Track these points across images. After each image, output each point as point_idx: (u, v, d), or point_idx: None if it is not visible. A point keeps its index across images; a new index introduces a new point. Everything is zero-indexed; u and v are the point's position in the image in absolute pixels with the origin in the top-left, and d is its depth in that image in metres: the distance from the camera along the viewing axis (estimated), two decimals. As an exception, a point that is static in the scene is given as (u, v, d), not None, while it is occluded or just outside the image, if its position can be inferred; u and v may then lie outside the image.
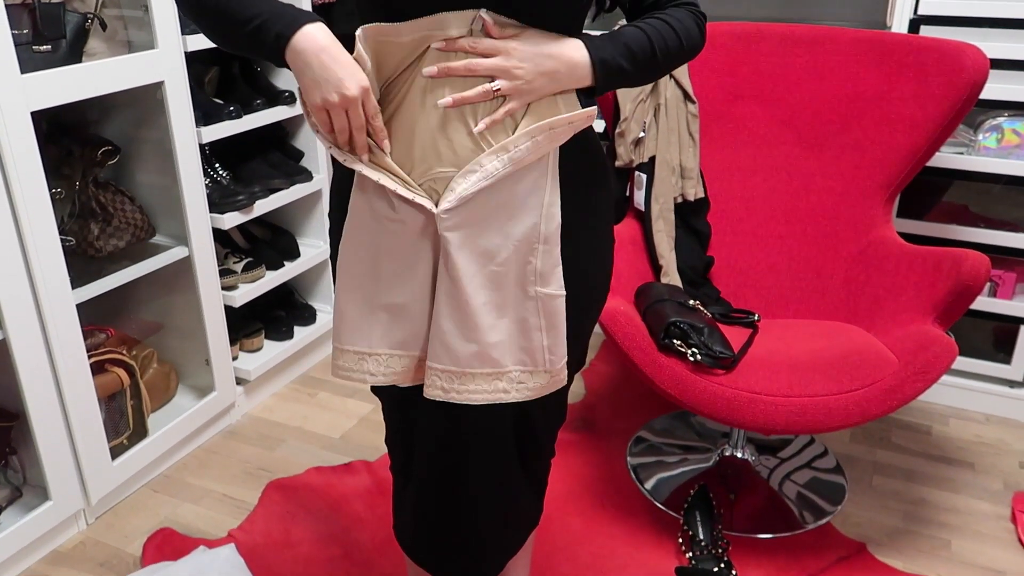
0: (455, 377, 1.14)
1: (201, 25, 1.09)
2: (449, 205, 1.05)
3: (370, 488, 2.06)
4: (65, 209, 1.94)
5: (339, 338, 1.18)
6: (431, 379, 1.15)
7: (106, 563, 1.85)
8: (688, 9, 1.16)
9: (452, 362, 1.13)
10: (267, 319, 2.51)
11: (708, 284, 2.15)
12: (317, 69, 1.02)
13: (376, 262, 1.13)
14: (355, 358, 1.17)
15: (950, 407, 2.42)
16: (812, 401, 1.65)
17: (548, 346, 1.15)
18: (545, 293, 1.13)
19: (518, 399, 1.18)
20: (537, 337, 1.15)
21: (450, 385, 1.14)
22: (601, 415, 2.37)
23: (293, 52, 1.03)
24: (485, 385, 1.15)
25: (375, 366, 1.17)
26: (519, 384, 1.17)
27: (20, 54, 1.60)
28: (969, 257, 1.74)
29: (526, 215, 1.10)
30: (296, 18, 1.03)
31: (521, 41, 1.04)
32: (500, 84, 1.04)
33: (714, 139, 2.17)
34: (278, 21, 1.03)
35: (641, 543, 1.88)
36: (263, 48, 1.05)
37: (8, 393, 1.78)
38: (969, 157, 2.19)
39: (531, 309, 1.13)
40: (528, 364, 1.16)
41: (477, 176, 1.05)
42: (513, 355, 1.15)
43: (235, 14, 1.04)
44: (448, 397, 1.15)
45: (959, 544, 1.90)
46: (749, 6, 2.52)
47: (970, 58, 1.91)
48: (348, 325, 1.17)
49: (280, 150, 2.48)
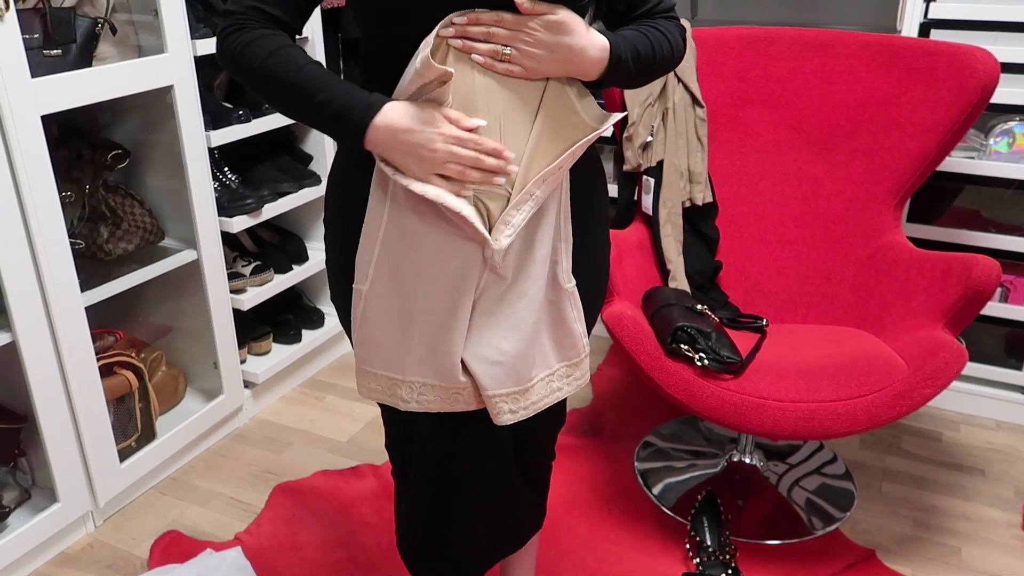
0: (520, 396, 1.16)
1: (263, 96, 1.09)
2: (509, 240, 1.06)
3: (376, 492, 2.06)
4: (75, 212, 1.96)
5: (369, 362, 1.18)
6: (498, 406, 1.15)
7: (113, 565, 1.85)
8: (674, 22, 1.19)
9: (515, 383, 1.15)
10: (275, 322, 2.52)
11: (716, 289, 2.14)
12: (405, 151, 1.02)
13: (413, 288, 1.11)
14: (388, 383, 1.18)
15: (960, 413, 2.41)
16: (821, 407, 1.64)
17: (582, 332, 1.22)
18: (572, 287, 1.18)
19: (570, 392, 1.24)
20: (576, 328, 1.20)
21: (517, 405, 1.17)
22: (608, 420, 2.37)
23: (373, 144, 1.03)
24: (542, 390, 1.20)
25: (408, 393, 1.17)
26: (567, 378, 1.23)
27: (31, 58, 1.61)
28: (979, 262, 1.73)
29: (550, 217, 1.12)
30: (365, 110, 1.02)
31: (545, 27, 1.03)
32: (512, 52, 1.03)
33: (722, 143, 2.17)
34: (350, 115, 1.02)
35: (648, 549, 1.87)
36: (342, 140, 1.07)
37: (17, 395, 1.79)
38: (980, 161, 2.18)
39: (566, 304, 1.18)
40: (573, 357, 1.22)
41: (529, 205, 1.06)
42: (558, 354, 1.21)
43: (307, 98, 1.03)
44: (518, 417, 1.17)
45: (969, 552, 1.88)
46: (758, 10, 2.51)
47: (981, 62, 1.89)
48: (382, 350, 1.16)
49: (289, 154, 2.48)
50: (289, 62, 1.02)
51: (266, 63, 1.03)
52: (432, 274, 1.09)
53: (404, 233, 1.08)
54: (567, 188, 1.14)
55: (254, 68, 1.04)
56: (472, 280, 1.09)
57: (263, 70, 1.03)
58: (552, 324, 1.19)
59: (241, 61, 1.05)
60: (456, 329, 1.11)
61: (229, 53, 1.06)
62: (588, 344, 1.24)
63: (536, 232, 1.11)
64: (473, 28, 1.02)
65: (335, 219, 1.21)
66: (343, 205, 1.17)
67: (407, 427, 1.28)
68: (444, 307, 1.11)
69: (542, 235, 1.11)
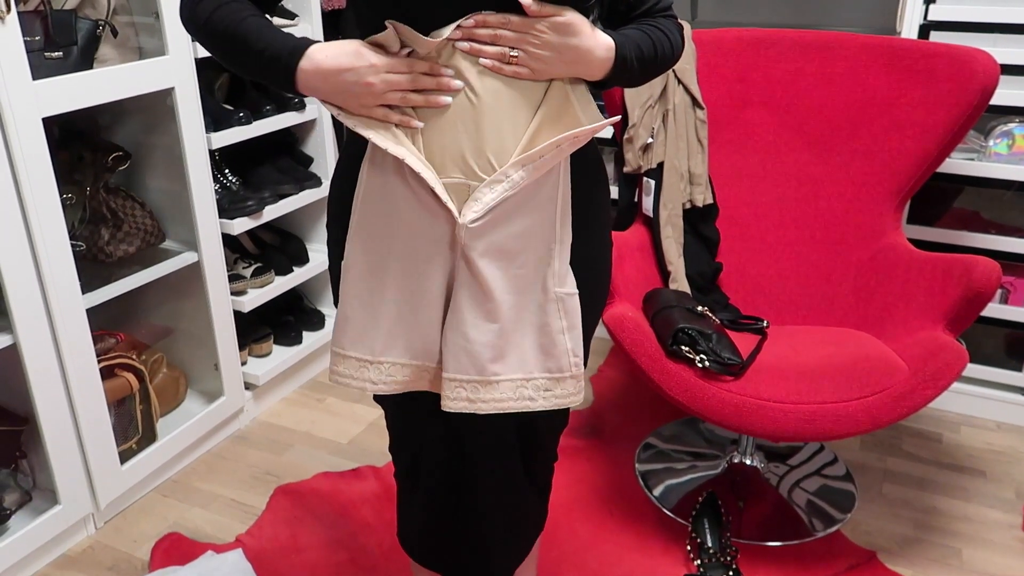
0: (480, 387, 1.13)
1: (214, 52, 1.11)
2: (475, 216, 1.05)
3: (378, 493, 2.06)
4: (76, 214, 1.96)
5: (339, 342, 1.16)
6: (454, 391, 1.12)
7: (114, 567, 1.85)
8: (673, 20, 1.19)
9: (477, 372, 1.12)
10: (276, 324, 2.52)
11: (717, 290, 2.14)
12: (341, 91, 1.03)
13: (384, 265, 1.11)
14: (356, 365, 1.16)
15: (961, 414, 2.41)
16: (821, 408, 1.64)
17: (571, 348, 1.16)
18: (564, 292, 1.14)
19: (545, 407, 1.17)
20: (561, 340, 1.15)
21: (475, 395, 1.13)
22: (609, 421, 2.37)
23: (307, 89, 1.05)
24: (511, 393, 1.14)
25: (376, 374, 1.15)
26: (546, 392, 1.16)
27: (32, 60, 1.61)
28: (980, 263, 1.73)
29: (542, 216, 1.10)
30: (292, 53, 1.04)
31: (552, 29, 1.03)
32: (519, 54, 1.03)
33: (723, 145, 2.17)
34: (278, 60, 1.04)
35: (649, 550, 1.87)
36: (280, 86, 1.08)
37: (18, 397, 1.79)
38: (980, 163, 2.18)
39: (553, 311, 1.14)
40: (554, 371, 1.16)
41: (503, 186, 1.05)
42: (539, 362, 1.15)
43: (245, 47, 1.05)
44: (475, 408, 1.13)
45: (970, 553, 1.88)
46: (758, 12, 2.51)
47: (981, 64, 1.90)
48: (351, 329, 1.15)
49: (290, 156, 2.48)
50: (233, 14, 1.05)
51: (212, 16, 1.06)
52: (402, 250, 1.10)
53: (377, 208, 1.09)
54: (566, 190, 1.12)
55: (202, 22, 1.07)
56: (442, 257, 1.09)
57: (210, 23, 1.06)
58: (538, 328, 1.15)
59: (193, 19, 1.08)
60: (426, 306, 1.11)
61: (186, 13, 1.09)
62: (579, 364, 1.17)
63: (525, 228, 1.10)
64: (480, 31, 1.02)
65: (337, 222, 1.21)
66: (345, 208, 1.18)
67: (415, 428, 1.28)
68: (414, 284, 1.11)
69: (532, 232, 1.10)
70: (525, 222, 1.09)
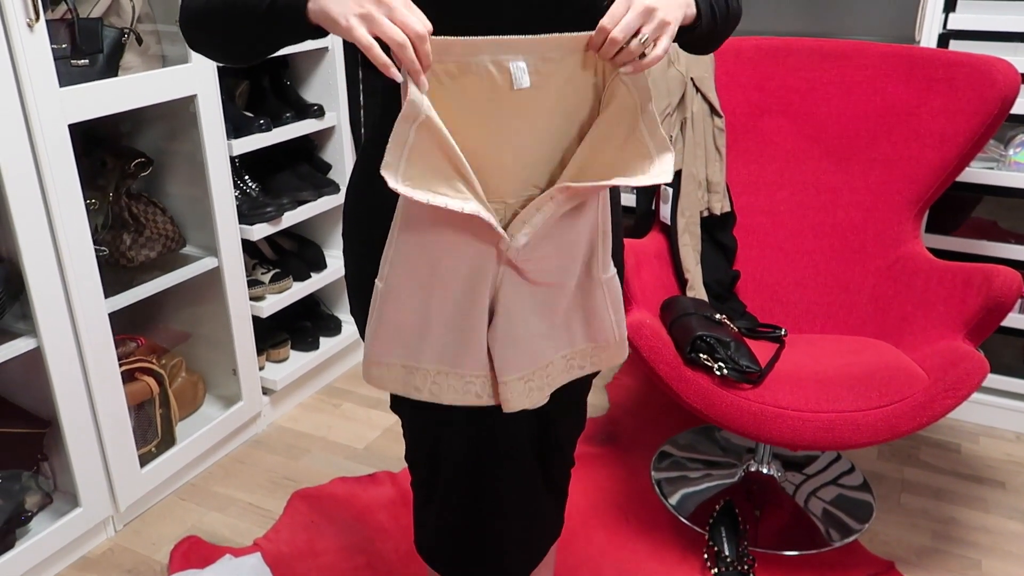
0: (535, 376, 1.16)
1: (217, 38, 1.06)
2: (525, 240, 1.05)
3: (394, 499, 2.06)
4: (98, 219, 1.98)
5: (382, 356, 1.15)
6: (513, 391, 1.14)
7: (133, 570, 1.87)
8: None
9: (532, 363, 1.15)
10: (293, 330, 2.53)
11: (734, 298, 2.14)
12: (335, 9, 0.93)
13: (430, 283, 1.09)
14: (403, 371, 1.15)
15: (980, 425, 2.39)
16: (840, 417, 1.64)
17: (616, 321, 1.21)
18: (608, 277, 1.18)
19: (590, 371, 1.24)
20: (607, 316, 1.20)
21: (530, 385, 1.16)
22: (625, 429, 2.37)
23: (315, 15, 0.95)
24: (562, 365, 1.20)
25: (422, 381, 1.16)
26: (593, 358, 1.23)
27: (59, 68, 1.63)
28: (1001, 273, 1.73)
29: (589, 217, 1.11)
30: None
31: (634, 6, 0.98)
32: (647, 32, 0.97)
33: (741, 153, 2.17)
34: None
35: (666, 558, 1.87)
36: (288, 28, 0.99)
37: (41, 400, 1.81)
38: (999, 172, 2.17)
39: (599, 295, 1.18)
40: (600, 341, 1.22)
41: (552, 205, 1.04)
42: (585, 335, 1.21)
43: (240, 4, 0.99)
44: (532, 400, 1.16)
45: (989, 564, 1.87)
46: (777, 21, 2.51)
47: (1001, 72, 1.89)
48: (398, 344, 1.14)
49: (308, 162, 2.50)
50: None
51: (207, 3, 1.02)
52: (446, 272, 1.08)
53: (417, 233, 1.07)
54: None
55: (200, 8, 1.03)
56: (488, 276, 1.09)
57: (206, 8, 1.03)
58: (583, 309, 1.18)
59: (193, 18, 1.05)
60: (474, 326, 1.12)
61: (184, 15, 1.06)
62: (623, 330, 1.22)
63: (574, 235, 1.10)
64: (616, 33, 0.96)
65: (353, 232, 1.21)
66: (361, 218, 1.18)
67: (434, 433, 1.29)
68: (461, 304, 1.11)
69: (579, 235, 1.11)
70: (574, 228, 1.10)
